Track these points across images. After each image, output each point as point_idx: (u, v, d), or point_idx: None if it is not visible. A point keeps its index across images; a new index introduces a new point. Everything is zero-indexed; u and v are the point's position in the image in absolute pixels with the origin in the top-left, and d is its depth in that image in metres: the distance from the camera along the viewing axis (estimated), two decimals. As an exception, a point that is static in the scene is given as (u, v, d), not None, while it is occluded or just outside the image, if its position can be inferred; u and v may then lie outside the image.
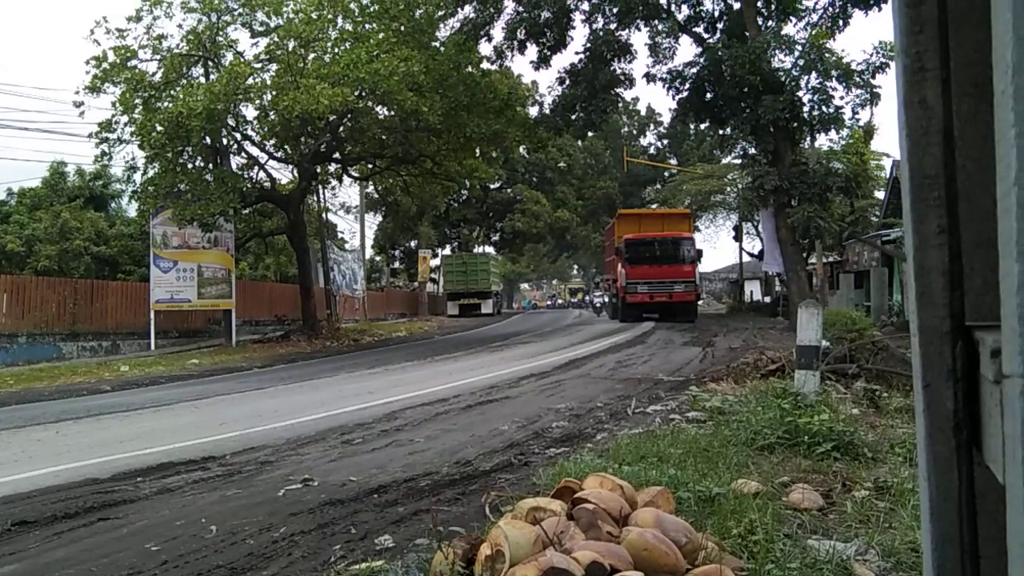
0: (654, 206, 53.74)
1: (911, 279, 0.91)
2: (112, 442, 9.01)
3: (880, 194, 34.31)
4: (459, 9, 24.46)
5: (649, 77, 24.84)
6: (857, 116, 23.35)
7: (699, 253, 33.00)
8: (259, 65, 24.30)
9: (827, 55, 21.67)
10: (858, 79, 21.75)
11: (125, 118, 23.42)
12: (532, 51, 24.78)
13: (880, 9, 21.75)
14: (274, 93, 22.68)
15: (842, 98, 22.21)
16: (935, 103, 0.86)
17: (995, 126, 0.67)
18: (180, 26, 24.67)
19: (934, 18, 0.86)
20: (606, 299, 41.82)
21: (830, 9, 22.64)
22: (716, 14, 25.18)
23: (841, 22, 22.44)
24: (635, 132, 66.80)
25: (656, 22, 24.22)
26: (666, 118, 61.07)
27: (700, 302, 36.04)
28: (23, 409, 12.47)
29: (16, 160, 52.82)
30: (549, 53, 24.65)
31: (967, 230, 0.87)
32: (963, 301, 0.86)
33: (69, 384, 16.29)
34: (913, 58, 0.87)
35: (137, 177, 25.36)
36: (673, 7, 24.33)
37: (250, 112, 25.14)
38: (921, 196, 0.88)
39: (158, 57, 24.32)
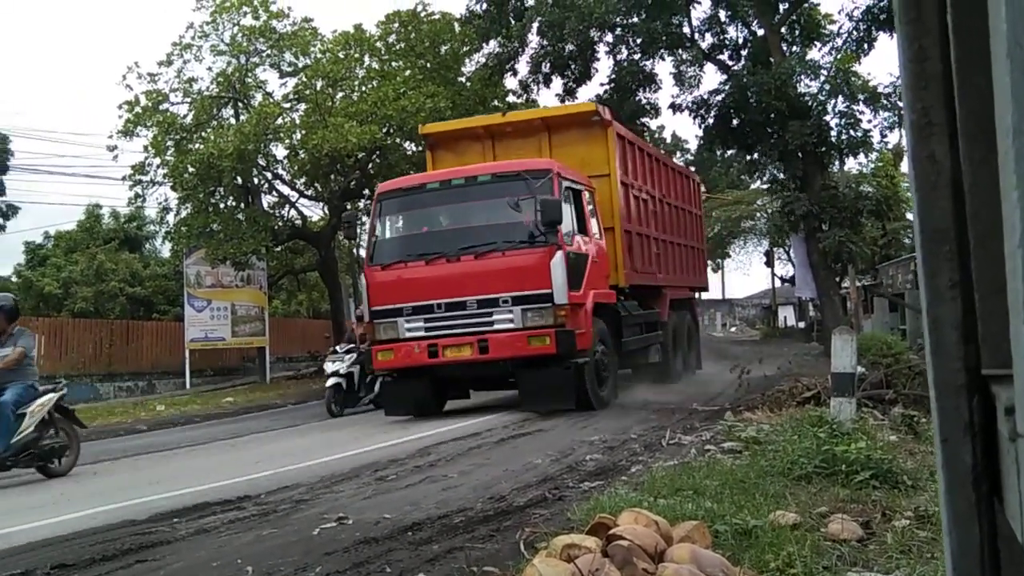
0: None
1: (926, 332, 0.91)
2: (149, 482, 9.08)
3: (912, 216, 34.00)
4: (484, 44, 24.65)
5: (675, 107, 24.80)
6: (886, 139, 23.16)
7: (555, 212, 11.68)
8: (288, 105, 24.73)
9: (853, 79, 21.57)
10: (885, 102, 21.60)
11: (157, 160, 23.91)
12: (557, 84, 24.81)
13: (905, 31, 21.58)
14: (303, 132, 23.03)
15: (870, 121, 22.04)
16: (943, 158, 0.87)
17: (1000, 186, 0.68)
18: (210, 69, 25.29)
19: (939, 73, 0.87)
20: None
21: (855, 33, 22.54)
22: (740, 41, 25.12)
23: (866, 45, 22.31)
24: (662, 160, 66.81)
25: (680, 51, 24.21)
26: (693, 145, 61.05)
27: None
28: (62, 451, 12.58)
29: (52, 204, 54.42)
30: (574, 85, 24.71)
31: (983, 276, 0.87)
32: (979, 354, 0.86)
33: (106, 425, 16.45)
34: (920, 113, 0.88)
35: (170, 218, 25.89)
36: (697, 36, 24.33)
37: (280, 151, 25.57)
38: (933, 250, 0.89)
39: (189, 100, 24.84)
